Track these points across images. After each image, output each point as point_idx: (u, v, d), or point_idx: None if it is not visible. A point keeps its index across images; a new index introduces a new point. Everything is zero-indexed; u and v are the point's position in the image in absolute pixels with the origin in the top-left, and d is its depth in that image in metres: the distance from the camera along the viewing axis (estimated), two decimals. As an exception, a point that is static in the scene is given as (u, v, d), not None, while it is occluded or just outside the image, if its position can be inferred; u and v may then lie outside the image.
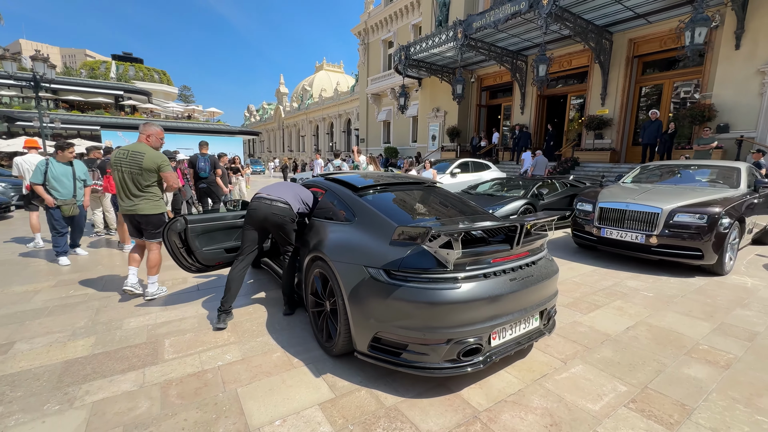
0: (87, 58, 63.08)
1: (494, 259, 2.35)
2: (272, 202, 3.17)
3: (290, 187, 3.43)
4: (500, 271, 2.34)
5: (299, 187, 3.51)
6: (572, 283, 4.47)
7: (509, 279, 2.33)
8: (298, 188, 3.46)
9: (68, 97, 29.29)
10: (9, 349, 2.84)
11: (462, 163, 10.71)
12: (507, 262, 2.39)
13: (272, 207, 3.14)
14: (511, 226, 2.39)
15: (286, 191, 3.34)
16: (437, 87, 19.98)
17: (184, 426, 2.04)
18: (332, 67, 48.43)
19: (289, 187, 3.42)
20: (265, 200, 3.18)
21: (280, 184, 3.49)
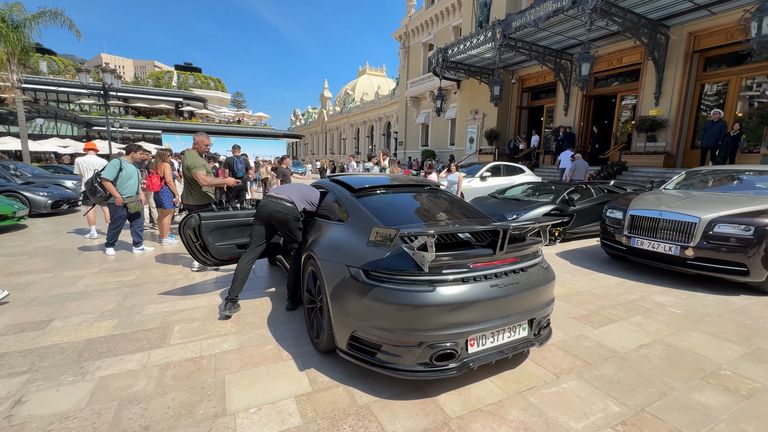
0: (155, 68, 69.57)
1: (474, 263, 2.29)
2: (278, 200, 3.33)
3: (298, 188, 3.58)
4: (480, 277, 2.27)
5: (307, 187, 3.65)
6: (591, 294, 4.20)
7: (489, 285, 2.27)
8: (306, 188, 3.61)
9: (136, 104, 32.55)
10: (47, 326, 3.24)
11: (493, 166, 10.40)
12: (488, 267, 2.32)
13: (277, 205, 3.30)
14: (495, 231, 2.32)
15: (293, 191, 3.50)
16: (476, 89, 19.56)
17: (170, 405, 2.21)
18: (374, 71, 49.12)
19: (296, 188, 3.58)
20: (272, 198, 3.36)
21: (291, 185, 3.66)
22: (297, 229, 3.41)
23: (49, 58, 33.67)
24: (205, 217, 3.69)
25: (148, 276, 4.65)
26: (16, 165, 11.40)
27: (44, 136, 25.42)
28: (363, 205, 2.97)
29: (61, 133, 27.09)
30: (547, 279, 2.57)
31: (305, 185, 3.70)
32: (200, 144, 4.69)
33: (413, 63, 28.43)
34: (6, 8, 12.93)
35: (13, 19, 13.00)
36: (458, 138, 22.20)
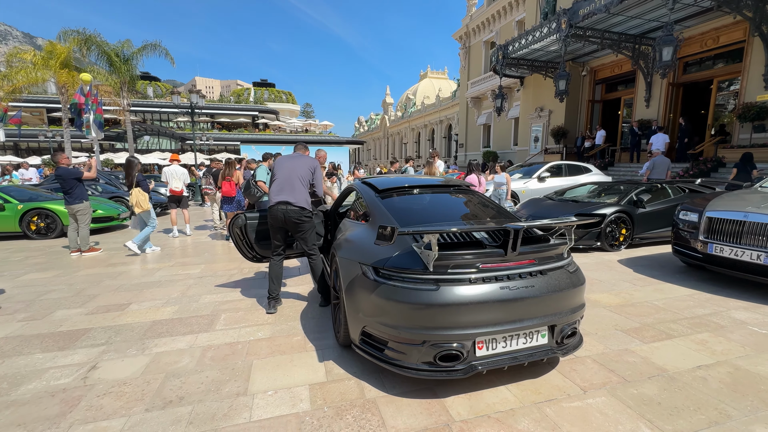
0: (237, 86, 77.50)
1: (484, 264, 2.22)
2: (288, 206, 3.52)
3: (292, 186, 3.63)
4: (490, 278, 2.20)
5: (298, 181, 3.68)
6: (649, 306, 3.73)
7: (499, 287, 2.18)
8: (298, 184, 3.66)
9: (220, 120, 36.75)
10: (126, 308, 3.85)
11: (554, 166, 9.70)
12: (499, 269, 2.23)
13: (287, 211, 3.51)
14: (509, 230, 2.22)
15: (293, 192, 3.59)
16: (541, 85, 18.42)
17: (204, 381, 2.51)
18: (436, 74, 48.83)
19: (293, 187, 3.63)
20: (281, 205, 3.54)
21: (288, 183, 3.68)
22: (311, 230, 3.61)
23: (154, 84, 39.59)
24: (250, 217, 4.07)
25: (210, 270, 5.24)
26: (124, 175, 13.62)
27: (149, 150, 29.91)
28: (385, 206, 3.04)
29: (163, 148, 31.60)
30: (572, 283, 2.38)
31: (296, 178, 3.67)
32: (321, 158, 5.41)
33: (474, 63, 27.71)
34: (119, 45, 15.66)
35: (124, 53, 15.70)
36: (522, 138, 21.07)
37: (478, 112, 27.52)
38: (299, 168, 3.73)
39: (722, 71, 12.60)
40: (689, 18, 11.93)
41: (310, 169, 3.78)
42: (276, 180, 3.67)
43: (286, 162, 3.79)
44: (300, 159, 3.84)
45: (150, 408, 2.23)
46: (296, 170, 3.70)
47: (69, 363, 2.76)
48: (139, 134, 30.04)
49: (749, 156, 8.74)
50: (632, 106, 15.48)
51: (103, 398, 2.33)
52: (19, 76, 15.82)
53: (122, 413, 2.18)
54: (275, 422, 2.09)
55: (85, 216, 5.92)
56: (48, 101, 31.63)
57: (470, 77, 28.04)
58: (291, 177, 3.66)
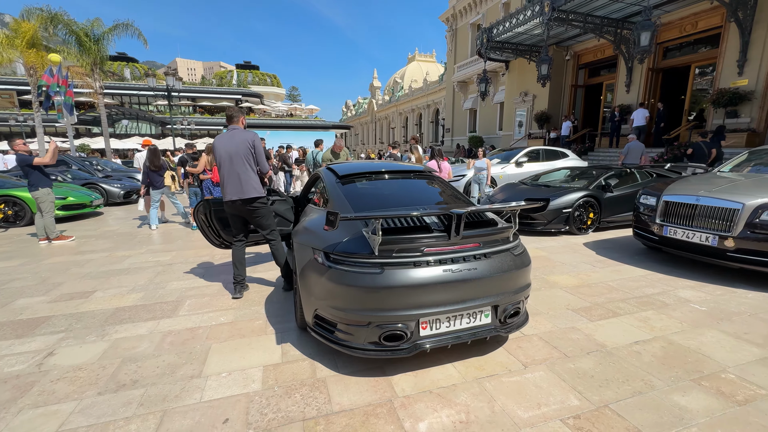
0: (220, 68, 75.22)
1: (428, 248, 2.29)
2: (237, 201, 3.48)
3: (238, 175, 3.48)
4: (434, 261, 2.27)
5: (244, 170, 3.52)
6: (604, 286, 3.89)
7: (442, 270, 2.26)
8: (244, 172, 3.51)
9: (202, 103, 35.72)
10: (90, 295, 3.84)
11: (531, 151, 9.82)
12: (442, 252, 2.30)
13: (239, 205, 3.51)
14: (451, 215, 2.29)
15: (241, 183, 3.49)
16: (525, 69, 18.37)
17: (160, 365, 2.56)
18: (424, 57, 48.18)
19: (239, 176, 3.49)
20: (232, 202, 3.52)
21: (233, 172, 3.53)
22: (267, 215, 3.65)
23: (132, 65, 38.12)
24: (215, 204, 4.06)
25: (181, 257, 5.23)
26: (98, 161, 13.26)
27: (128, 135, 29.05)
28: (342, 191, 3.07)
29: (142, 132, 30.71)
30: (516, 265, 2.48)
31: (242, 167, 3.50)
32: (338, 148, 6.11)
33: (461, 46, 27.39)
34: (88, 25, 14.97)
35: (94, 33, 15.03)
36: (506, 122, 21.13)
37: (465, 97, 27.39)
38: (240, 151, 3.44)
39: (700, 57, 12.77)
40: (668, 3, 11.98)
41: (249, 147, 3.49)
42: (221, 171, 3.49)
43: (225, 146, 3.47)
44: (237, 138, 3.50)
45: (103, 391, 2.28)
46: (238, 155, 3.44)
47: (25, 350, 2.77)
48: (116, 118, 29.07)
49: (721, 128, 9.11)
50: (613, 91, 15.63)
51: (56, 383, 2.36)
52: (-17, 56, 15.02)
53: (74, 397, 2.23)
54: (224, 402, 2.17)
55: (45, 203, 5.78)
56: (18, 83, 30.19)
57: (457, 61, 27.77)
58: (233, 166, 3.44)
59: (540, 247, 5.48)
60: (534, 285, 3.94)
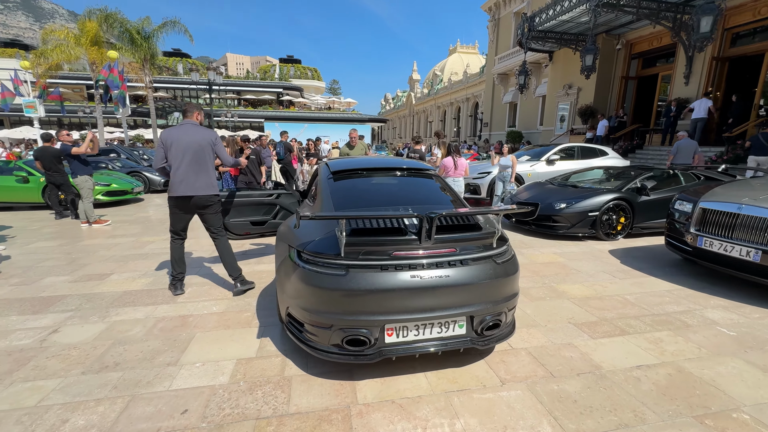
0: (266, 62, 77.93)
1: (397, 251, 2.18)
2: (192, 198, 3.44)
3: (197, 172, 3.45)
4: (402, 266, 2.15)
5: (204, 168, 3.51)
6: (619, 300, 3.54)
7: (410, 275, 2.13)
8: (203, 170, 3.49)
9: (246, 96, 37.27)
10: (106, 278, 4.12)
11: (565, 148, 9.18)
12: (413, 257, 2.18)
13: (193, 202, 3.47)
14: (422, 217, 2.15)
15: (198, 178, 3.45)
16: (570, 60, 17.21)
17: (143, 350, 2.67)
18: (465, 48, 46.75)
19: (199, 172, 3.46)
20: (186, 198, 3.46)
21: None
22: (217, 213, 3.65)
23: (184, 60, 40.55)
24: (223, 197, 4.16)
25: (197, 245, 5.47)
26: (144, 150, 14.26)
27: (178, 127, 31.01)
28: (330, 188, 3.02)
29: (191, 124, 32.64)
30: (497, 274, 2.29)
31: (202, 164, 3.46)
32: (354, 139, 6.62)
33: (503, 36, 26.23)
34: (139, 23, 16.07)
35: (145, 30, 16.11)
36: (548, 117, 20.02)
37: (505, 90, 26.29)
38: (200, 148, 3.39)
39: (776, 43, 11.24)
40: (739, -18, 10.62)
41: (211, 145, 3.47)
42: (173, 165, 3.37)
43: (181, 141, 3.35)
44: (197, 135, 3.42)
45: (86, 371, 2.41)
46: (197, 152, 3.39)
47: (35, 326, 3.02)
48: (169, 110, 31.13)
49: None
50: (670, 83, 14.23)
51: (50, 360, 2.54)
52: (54, 54, 16.64)
53: (61, 374, 2.38)
54: (189, 392, 2.21)
55: (84, 189, 6.29)
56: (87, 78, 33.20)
57: (498, 52, 26.64)
58: (191, 163, 3.37)
59: (558, 252, 5.12)
60: (539, 293, 3.68)
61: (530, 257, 4.88)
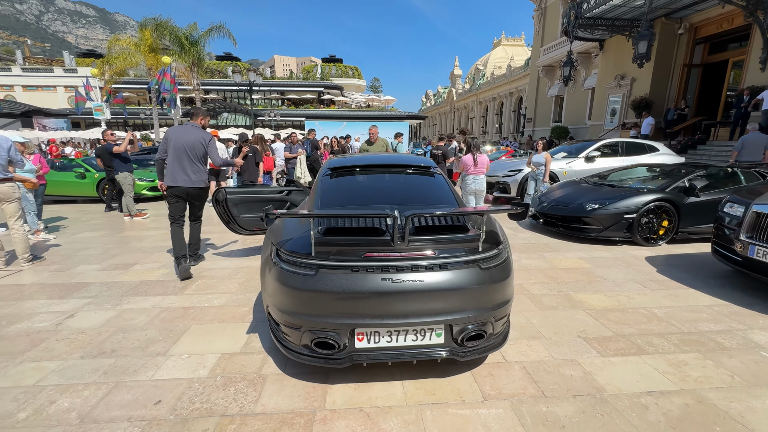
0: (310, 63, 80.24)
1: (368, 253, 2.06)
2: (187, 188, 4.01)
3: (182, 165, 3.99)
4: (373, 268, 2.04)
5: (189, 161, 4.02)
6: (644, 313, 3.14)
7: (380, 278, 2.01)
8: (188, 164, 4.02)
9: (289, 96, 38.63)
10: (130, 268, 4.40)
11: (608, 144, 8.42)
12: (385, 259, 2.05)
13: (188, 193, 4.05)
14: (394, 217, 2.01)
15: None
16: (623, 48, 15.84)
17: (140, 338, 2.80)
18: (510, 41, 44.86)
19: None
20: (181, 189, 4.02)
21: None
22: (204, 204, 4.28)
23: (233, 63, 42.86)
24: (231, 191, 4.29)
25: (220, 239, 5.70)
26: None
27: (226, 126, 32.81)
28: (322, 185, 2.97)
29: (238, 123, 34.43)
30: (481, 280, 2.10)
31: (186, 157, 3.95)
32: (373, 135, 6.61)
33: (550, 26, 24.76)
34: (187, 29, 17.20)
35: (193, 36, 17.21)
36: (597, 111, 18.63)
37: (550, 83, 24.84)
38: (195, 146, 3.94)
39: None
40: (832, -52, 9.11)
41: (204, 145, 4.01)
42: (169, 158, 3.93)
43: (179, 139, 3.92)
44: (194, 135, 3.97)
45: (85, 356, 2.57)
46: (192, 150, 3.92)
47: (57, 310, 3.28)
48: (219, 111, 33.06)
49: None
50: (742, 70, 12.61)
51: (59, 342, 2.74)
52: (118, 61, 18.28)
53: (63, 357, 2.55)
54: (168, 383, 2.27)
55: (125, 185, 6.80)
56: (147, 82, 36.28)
57: (544, 43, 25.21)
58: (185, 158, 3.91)
59: (585, 257, 4.69)
60: (551, 302, 3.38)
61: (551, 261, 4.51)
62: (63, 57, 49.29)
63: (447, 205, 2.73)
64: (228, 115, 34.51)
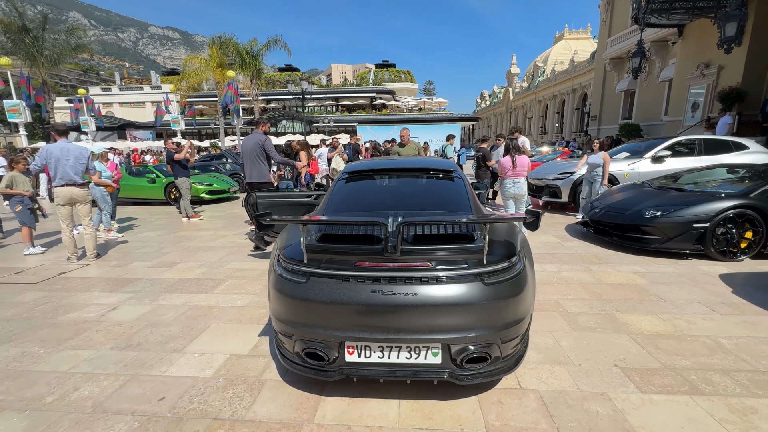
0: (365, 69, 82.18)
1: (360, 262, 1.95)
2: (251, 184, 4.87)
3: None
4: (363, 278, 1.92)
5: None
6: (706, 343, 2.63)
7: (370, 289, 1.89)
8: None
9: (343, 102, 39.88)
10: (174, 266, 4.76)
11: (682, 141, 7.36)
12: (378, 269, 1.92)
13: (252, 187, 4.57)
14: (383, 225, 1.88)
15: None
16: (707, 33, 13.91)
17: (164, 334, 2.97)
18: (575, 34, 41.80)
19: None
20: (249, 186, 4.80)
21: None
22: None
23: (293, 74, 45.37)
24: (261, 196, 4.43)
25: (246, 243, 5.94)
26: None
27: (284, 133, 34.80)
28: (336, 189, 2.92)
29: (295, 130, 36.33)
30: (484, 297, 1.88)
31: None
32: (404, 136, 7.04)
33: (618, 15, 22.66)
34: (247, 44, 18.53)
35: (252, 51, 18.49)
36: (675, 105, 16.56)
37: (619, 76, 22.67)
38: (250, 147, 5.37)
39: None
40: None
41: (258, 143, 5.34)
42: (242, 161, 5.42)
43: (246, 144, 5.41)
44: (251, 138, 5.40)
45: (114, 347, 2.78)
46: (252, 151, 5.34)
47: (104, 302, 3.63)
48: (278, 119, 35.18)
49: None
50: None
51: (97, 333, 3.01)
52: (190, 77, 20.27)
53: (97, 347, 2.79)
54: (175, 380, 2.36)
55: (183, 189, 7.42)
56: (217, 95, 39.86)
57: (612, 33, 23.11)
58: (246, 159, 5.41)
59: (641, 271, 4.10)
60: (589, 322, 2.98)
61: (598, 275, 4.01)
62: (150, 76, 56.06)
63: (461, 212, 2.53)
64: (286, 123, 36.55)
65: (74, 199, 4.89)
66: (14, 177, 5.39)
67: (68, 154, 4.75)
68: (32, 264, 4.95)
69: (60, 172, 4.74)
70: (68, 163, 4.76)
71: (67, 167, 4.76)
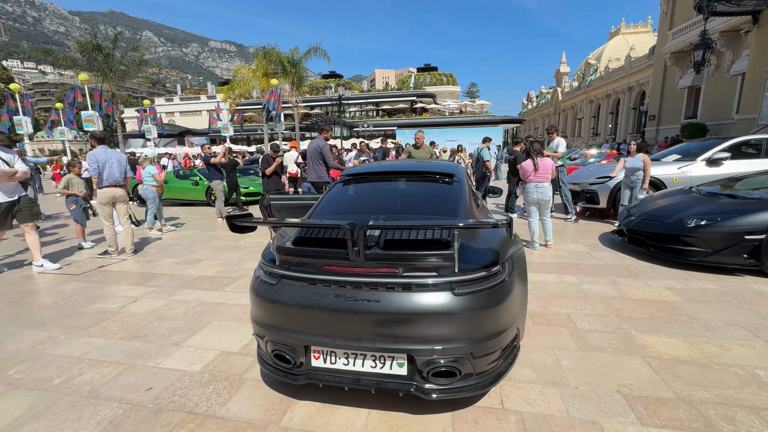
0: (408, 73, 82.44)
1: (327, 266, 1.92)
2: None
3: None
4: (330, 282, 1.89)
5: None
6: (737, 374, 2.26)
7: (334, 294, 1.85)
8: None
9: (384, 107, 40.25)
10: (197, 263, 5.04)
11: (746, 142, 6.51)
12: (342, 273, 1.88)
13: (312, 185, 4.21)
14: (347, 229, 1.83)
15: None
16: (788, 18, 12.28)
17: (169, 327, 3.14)
18: (632, 28, 38.86)
19: None
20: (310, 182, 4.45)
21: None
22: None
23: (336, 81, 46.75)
24: (274, 198, 4.56)
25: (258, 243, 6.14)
26: (286, 159, 17.01)
27: (326, 138, 35.90)
28: (331, 193, 2.93)
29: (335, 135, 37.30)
30: (452, 308, 1.77)
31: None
32: (419, 139, 7.27)
33: (681, 5, 20.70)
34: (289, 53, 19.33)
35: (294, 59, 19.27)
36: (748, 101, 14.76)
37: (682, 72, 20.65)
38: (311, 151, 6.21)
39: None
40: None
41: (317, 148, 6.13)
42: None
43: (308, 147, 6.30)
44: (313, 143, 6.23)
45: (124, 337, 2.99)
46: (310, 153, 6.21)
47: (128, 295, 3.92)
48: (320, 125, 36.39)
49: None
50: None
51: (114, 323, 3.26)
52: (238, 86, 21.57)
53: (109, 336, 3.01)
54: (166, 372, 2.48)
55: (217, 191, 7.87)
56: (265, 103, 42.10)
57: (673, 25, 21.15)
58: (308, 160, 6.28)
59: (676, 287, 3.65)
60: (601, 341, 2.70)
61: (623, 289, 3.64)
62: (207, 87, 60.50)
63: (446, 217, 2.41)
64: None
65: (115, 199, 5.36)
66: (71, 179, 6.03)
67: (111, 158, 5.23)
68: (82, 257, 5.49)
69: (106, 174, 5.23)
70: (113, 167, 5.24)
71: (113, 170, 5.24)
